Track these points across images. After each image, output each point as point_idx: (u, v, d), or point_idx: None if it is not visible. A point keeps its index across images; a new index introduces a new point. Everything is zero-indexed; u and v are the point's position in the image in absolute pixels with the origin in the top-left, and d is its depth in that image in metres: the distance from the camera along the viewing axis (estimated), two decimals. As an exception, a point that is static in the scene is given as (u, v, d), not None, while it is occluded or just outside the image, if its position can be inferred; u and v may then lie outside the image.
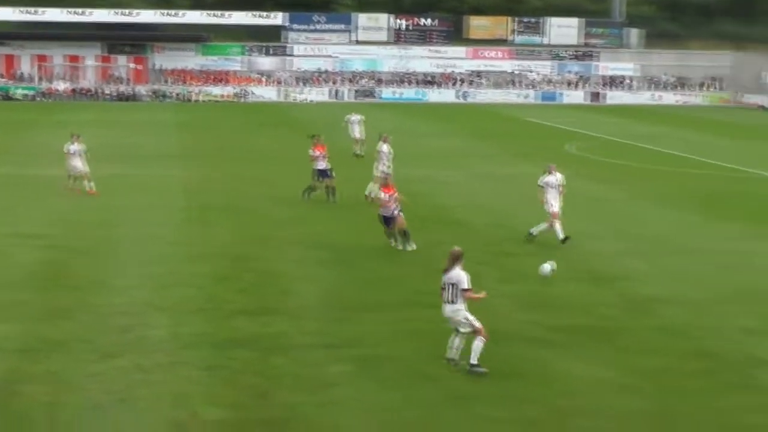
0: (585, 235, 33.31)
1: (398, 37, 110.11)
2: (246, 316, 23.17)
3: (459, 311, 19.33)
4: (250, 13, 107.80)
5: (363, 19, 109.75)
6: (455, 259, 19.87)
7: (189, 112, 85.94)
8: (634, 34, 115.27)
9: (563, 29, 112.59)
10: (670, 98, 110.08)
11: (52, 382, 18.49)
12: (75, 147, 41.21)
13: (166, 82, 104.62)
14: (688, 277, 28.00)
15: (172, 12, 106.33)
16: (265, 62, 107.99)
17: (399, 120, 79.16)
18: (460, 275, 19.42)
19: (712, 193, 43.94)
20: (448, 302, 19.48)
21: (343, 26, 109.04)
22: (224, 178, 45.39)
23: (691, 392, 18.66)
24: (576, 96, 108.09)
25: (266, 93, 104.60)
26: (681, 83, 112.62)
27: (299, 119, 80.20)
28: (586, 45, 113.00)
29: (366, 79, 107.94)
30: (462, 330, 19.34)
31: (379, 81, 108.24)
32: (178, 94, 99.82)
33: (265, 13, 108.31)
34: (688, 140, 68.08)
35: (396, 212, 30.44)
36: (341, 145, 52.02)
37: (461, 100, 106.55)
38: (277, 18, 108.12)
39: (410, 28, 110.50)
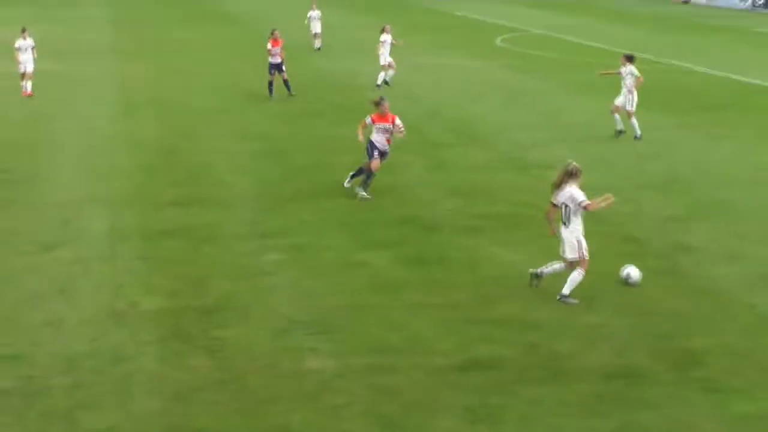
0: (510, 125, 33.51)
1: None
2: (179, 207, 23.12)
3: (574, 232, 17.52)
4: None
5: None
6: (569, 176, 17.64)
7: (121, 8, 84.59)
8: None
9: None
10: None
11: (-9, 276, 18.42)
12: (26, 42, 39.92)
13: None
14: (610, 165, 28.09)
15: None
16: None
17: (334, 14, 78.54)
18: (573, 193, 17.48)
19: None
20: (563, 223, 17.69)
21: None
22: (153, 72, 44.92)
23: (614, 276, 18.73)
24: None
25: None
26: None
27: (229, 10, 79.41)
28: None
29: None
30: (569, 256, 17.50)
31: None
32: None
33: None
34: (608, 32, 68.06)
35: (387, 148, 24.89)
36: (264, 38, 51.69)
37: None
38: None
39: None
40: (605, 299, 17.58)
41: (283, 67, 38.57)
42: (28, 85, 38.75)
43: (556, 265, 17.82)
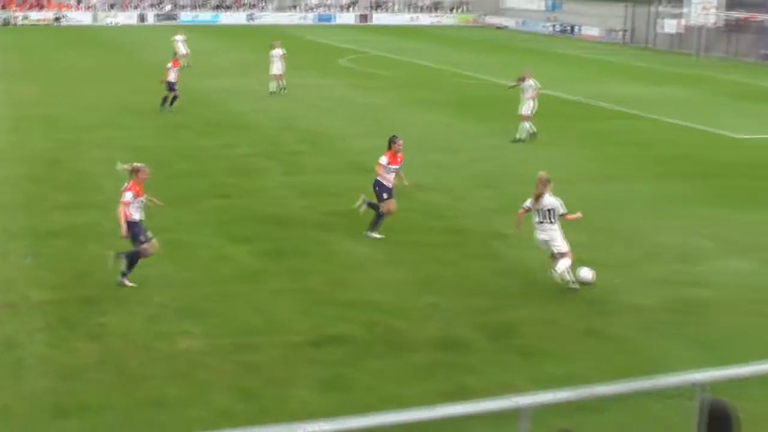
0: (356, 135, 33.56)
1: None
2: (63, 210, 22.69)
3: (559, 230, 17.68)
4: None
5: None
6: (545, 184, 17.86)
7: (11, 34, 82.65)
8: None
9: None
10: (426, 19, 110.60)
11: None
12: None
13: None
14: (444, 167, 28.43)
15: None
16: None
17: (197, 40, 77.81)
18: (554, 201, 17.76)
19: (462, 98, 44.61)
20: (549, 224, 17.64)
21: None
22: (40, 93, 43.86)
23: (443, 262, 19.09)
24: (347, 17, 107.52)
25: (81, 17, 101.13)
26: (435, 6, 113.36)
27: (108, 39, 78.20)
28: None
29: (167, 5, 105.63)
30: (563, 249, 17.54)
31: (179, 6, 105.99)
32: (0, 20, 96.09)
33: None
34: (439, 53, 68.64)
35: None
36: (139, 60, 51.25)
37: (250, 22, 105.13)
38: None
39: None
40: (435, 282, 17.82)
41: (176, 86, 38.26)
42: None
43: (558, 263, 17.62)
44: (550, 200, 17.63)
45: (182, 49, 53.78)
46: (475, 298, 16.96)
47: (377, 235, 21.00)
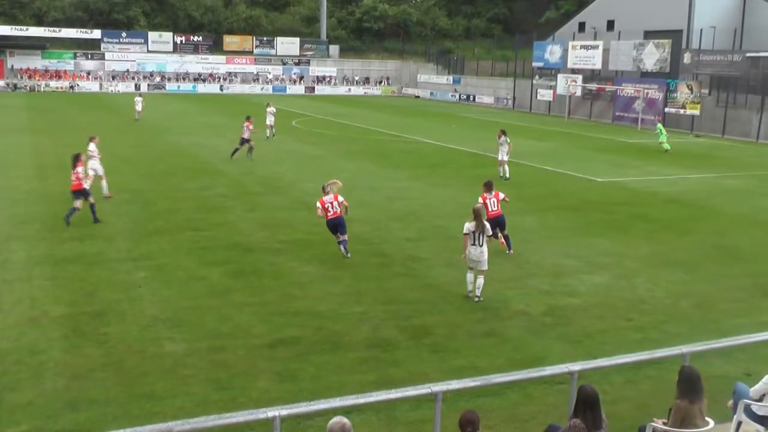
0: (302, 179, 33.43)
1: (177, 48, 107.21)
2: (76, 241, 22.27)
3: (485, 252, 17.25)
4: (76, 30, 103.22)
5: (154, 35, 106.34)
6: (479, 214, 17.32)
7: (35, 99, 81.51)
8: (334, 48, 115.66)
9: (288, 45, 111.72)
10: (358, 90, 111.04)
11: (-68, 294, 17.42)
12: None
13: (18, 77, 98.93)
14: (368, 204, 28.30)
15: (21, 27, 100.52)
16: (89, 64, 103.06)
17: (179, 104, 77.49)
18: (486, 225, 17.38)
19: (382, 150, 44.75)
20: (479, 245, 17.14)
21: (141, 40, 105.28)
22: (59, 145, 43.06)
23: (372, 278, 19.06)
24: (298, 89, 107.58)
25: (90, 86, 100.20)
26: (365, 80, 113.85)
27: (112, 104, 77.34)
28: (303, 55, 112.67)
29: (157, 77, 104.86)
30: (482, 268, 17.26)
31: (166, 78, 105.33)
32: (28, 87, 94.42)
33: (87, 30, 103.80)
34: (368, 117, 68.95)
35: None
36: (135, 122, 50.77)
37: (221, 92, 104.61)
38: (95, 34, 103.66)
39: (185, 42, 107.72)
40: (366, 294, 17.77)
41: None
42: None
43: (479, 280, 17.43)
44: (487, 224, 17.49)
45: (270, 119, 51.60)
46: (397, 307, 16.92)
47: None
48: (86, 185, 25.57)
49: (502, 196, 22.01)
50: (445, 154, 44.36)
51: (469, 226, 17.22)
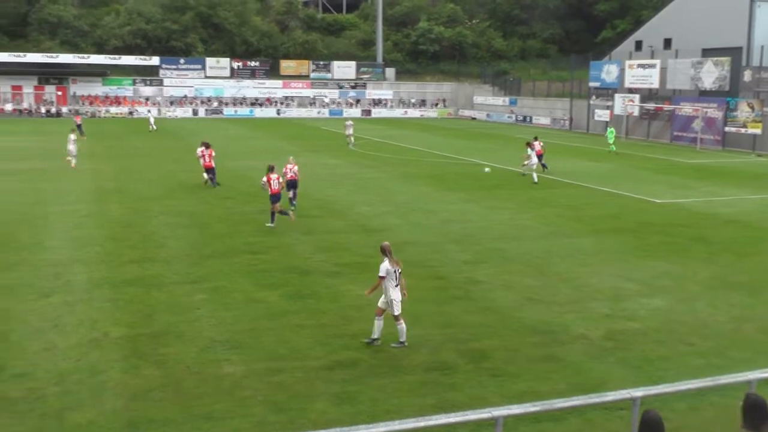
0: (358, 203, 33.56)
1: (234, 74, 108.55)
2: (134, 264, 22.60)
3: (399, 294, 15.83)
4: (136, 57, 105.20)
5: (211, 61, 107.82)
6: (391, 251, 15.86)
7: (96, 124, 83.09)
8: (390, 71, 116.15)
9: (344, 69, 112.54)
10: (415, 113, 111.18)
11: (5, 316, 17.79)
12: (72, 136, 44.90)
13: (80, 104, 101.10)
14: (425, 227, 28.34)
15: (83, 55, 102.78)
16: (147, 90, 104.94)
17: (236, 129, 78.32)
18: (399, 261, 16.10)
19: (439, 173, 44.64)
20: (397, 287, 15.72)
21: (198, 66, 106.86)
22: (115, 170, 44.05)
23: (430, 301, 18.97)
24: (354, 112, 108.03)
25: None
26: (421, 103, 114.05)
27: (168, 129, 78.47)
28: (359, 79, 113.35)
29: (214, 102, 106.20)
30: (398, 312, 15.58)
31: (223, 103, 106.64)
32: (89, 113, 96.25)
33: (146, 57, 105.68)
34: (424, 139, 68.96)
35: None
36: (192, 144, 51.31)
37: (278, 116, 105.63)
38: (154, 60, 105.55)
39: (242, 67, 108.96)
40: (424, 317, 17.66)
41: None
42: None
43: (381, 324, 15.83)
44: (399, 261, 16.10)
45: (349, 131, 60.76)
46: (455, 330, 16.84)
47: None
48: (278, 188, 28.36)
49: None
50: (501, 175, 44.15)
51: (387, 267, 15.60)
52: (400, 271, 15.84)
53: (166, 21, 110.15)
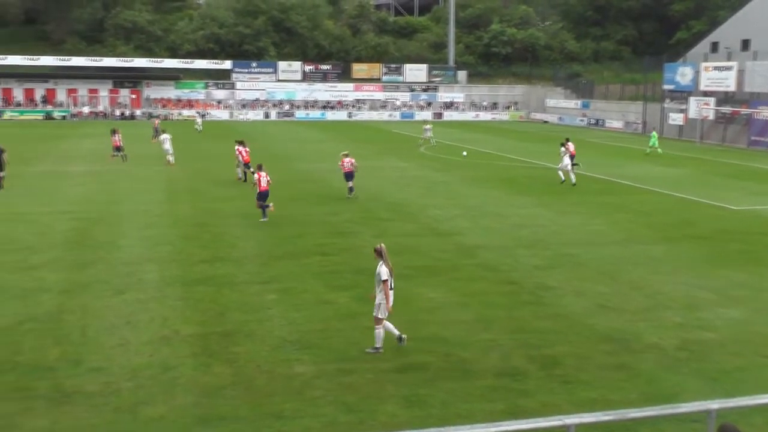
0: (430, 206, 33.50)
1: (306, 77, 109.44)
2: (205, 263, 22.92)
3: None
4: (208, 61, 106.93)
5: (283, 65, 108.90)
6: (386, 254, 15.80)
7: (168, 127, 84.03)
8: (462, 74, 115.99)
9: (415, 71, 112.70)
10: (486, 116, 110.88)
11: (82, 312, 18.22)
12: (167, 135, 47.91)
13: (153, 106, 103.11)
14: (496, 231, 28.20)
15: (157, 60, 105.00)
16: (219, 93, 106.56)
17: (308, 132, 78.91)
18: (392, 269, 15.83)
19: (510, 176, 44.35)
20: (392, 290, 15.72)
21: (270, 69, 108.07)
22: (189, 171, 44.74)
23: (500, 306, 18.88)
24: (425, 115, 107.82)
25: (220, 114, 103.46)
26: (492, 105, 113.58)
27: (240, 131, 79.37)
28: (431, 81, 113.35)
29: (286, 105, 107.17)
30: (380, 316, 15.57)
31: (295, 106, 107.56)
32: (162, 115, 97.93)
33: (218, 61, 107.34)
34: (495, 142, 68.64)
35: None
36: (264, 146, 51.84)
37: (349, 119, 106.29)
38: (226, 64, 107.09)
39: (314, 71, 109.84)
40: (495, 322, 17.59)
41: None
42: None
43: (381, 331, 15.67)
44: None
45: (428, 133, 63.85)
46: (526, 336, 16.72)
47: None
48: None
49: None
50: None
51: (386, 270, 15.48)
52: (392, 275, 15.65)
53: (238, 25, 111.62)
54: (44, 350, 15.65)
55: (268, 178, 29.93)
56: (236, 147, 41.33)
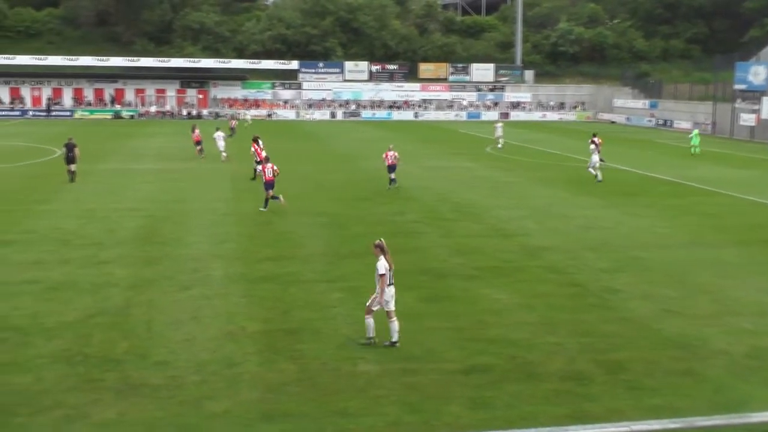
0: (496, 207, 33.34)
1: (373, 77, 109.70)
2: (271, 261, 23.14)
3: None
4: (275, 61, 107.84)
5: (350, 65, 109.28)
6: (387, 249, 16.17)
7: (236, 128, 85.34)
8: (529, 73, 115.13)
9: (482, 71, 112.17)
10: (553, 116, 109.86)
11: (149, 307, 18.57)
12: (219, 134, 49.10)
13: (220, 106, 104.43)
14: (561, 233, 27.96)
15: (224, 60, 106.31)
16: (286, 93, 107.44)
17: (374, 132, 79.16)
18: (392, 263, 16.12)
19: (576, 177, 43.87)
20: (393, 284, 16.09)
21: (337, 69, 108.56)
22: (251, 170, 44.99)
23: (566, 309, 18.72)
24: (492, 115, 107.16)
25: (287, 114, 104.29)
26: (559, 106, 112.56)
27: (307, 131, 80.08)
28: (498, 81, 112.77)
29: (352, 105, 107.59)
30: (391, 308, 15.93)
31: (361, 106, 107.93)
32: (228, 115, 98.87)
33: (285, 61, 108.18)
34: (562, 143, 67.98)
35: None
36: (329, 146, 51.97)
37: (416, 119, 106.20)
38: (293, 64, 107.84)
39: (381, 70, 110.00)
40: (560, 325, 17.44)
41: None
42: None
43: (371, 321, 15.99)
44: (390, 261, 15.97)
45: (499, 131, 62.96)
46: (591, 340, 16.52)
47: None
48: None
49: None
50: (641, 181, 43.12)
51: (385, 264, 15.78)
52: (392, 270, 15.97)
53: (305, 26, 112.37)
54: (112, 343, 15.99)
55: (275, 169, 31.52)
56: (253, 145, 41.59)
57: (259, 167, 31.37)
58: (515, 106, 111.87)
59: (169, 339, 16.28)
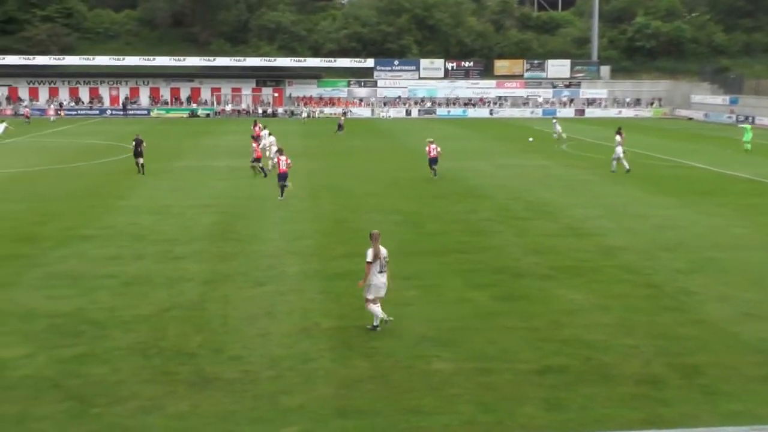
0: (571, 205, 33.05)
1: (448, 74, 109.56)
2: (345, 258, 23.24)
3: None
4: (350, 60, 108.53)
5: (425, 62, 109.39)
6: (377, 238, 16.80)
7: (311, 125, 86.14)
8: (605, 69, 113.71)
9: (558, 67, 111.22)
10: (629, 113, 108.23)
11: (223, 302, 18.86)
12: (272, 139, 46.52)
13: (295, 104, 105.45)
14: (637, 232, 27.56)
15: (300, 59, 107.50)
16: (361, 91, 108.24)
17: (449, 129, 78.98)
18: (383, 250, 16.79)
19: (652, 175, 43.23)
20: (385, 272, 16.80)
21: (412, 67, 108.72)
22: (329, 168, 45.60)
23: (642, 310, 18.47)
24: (567, 112, 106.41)
25: (362, 112, 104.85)
26: (636, 102, 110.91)
27: (382, 128, 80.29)
28: (574, 77, 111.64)
29: (427, 102, 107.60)
30: (381, 295, 16.79)
31: (436, 103, 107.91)
32: (304, 113, 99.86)
33: (360, 59, 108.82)
34: (638, 140, 66.68)
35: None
36: (403, 143, 51.78)
37: (491, 116, 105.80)
38: (368, 62, 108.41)
39: (456, 68, 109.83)
40: (636, 327, 17.23)
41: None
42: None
43: (374, 307, 16.77)
44: (384, 251, 16.75)
45: (558, 128, 66.78)
46: (667, 342, 16.27)
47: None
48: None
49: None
50: (718, 180, 42.27)
51: (371, 252, 16.55)
52: (387, 259, 16.76)
53: (381, 24, 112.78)
54: (187, 337, 16.32)
55: (288, 161, 33.92)
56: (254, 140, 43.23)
57: (275, 159, 34.92)
58: (590, 102, 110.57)
59: (244, 334, 16.53)
